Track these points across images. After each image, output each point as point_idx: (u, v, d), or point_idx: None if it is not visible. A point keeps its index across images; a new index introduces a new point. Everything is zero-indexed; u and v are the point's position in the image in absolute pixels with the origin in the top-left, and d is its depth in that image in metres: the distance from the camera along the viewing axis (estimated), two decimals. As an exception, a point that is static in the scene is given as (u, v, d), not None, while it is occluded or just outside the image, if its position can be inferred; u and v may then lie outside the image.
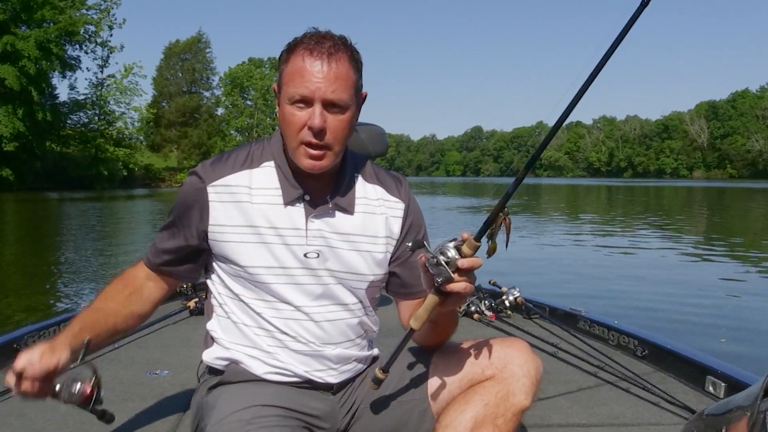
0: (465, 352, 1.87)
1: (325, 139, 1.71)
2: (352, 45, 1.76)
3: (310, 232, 1.81)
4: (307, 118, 1.69)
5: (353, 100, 1.74)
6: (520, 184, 1.70)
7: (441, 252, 1.57)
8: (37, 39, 48.56)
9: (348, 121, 1.74)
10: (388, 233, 1.91)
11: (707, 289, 9.46)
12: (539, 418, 2.80)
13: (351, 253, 1.85)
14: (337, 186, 1.86)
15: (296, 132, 1.71)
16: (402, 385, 1.91)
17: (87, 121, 63.75)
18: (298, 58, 1.70)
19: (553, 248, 14.14)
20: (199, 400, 1.93)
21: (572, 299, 5.54)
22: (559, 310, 4.43)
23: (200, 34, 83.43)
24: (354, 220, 1.87)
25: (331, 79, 1.68)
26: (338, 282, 1.86)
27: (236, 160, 1.85)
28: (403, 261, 1.94)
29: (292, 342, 1.84)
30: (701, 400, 3.02)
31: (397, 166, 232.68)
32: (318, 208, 1.82)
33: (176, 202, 1.89)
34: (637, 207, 34.11)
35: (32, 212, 28.10)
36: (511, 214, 1.65)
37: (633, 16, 1.64)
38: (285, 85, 1.72)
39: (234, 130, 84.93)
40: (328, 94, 1.68)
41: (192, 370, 3.29)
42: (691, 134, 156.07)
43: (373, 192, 1.92)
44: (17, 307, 8.10)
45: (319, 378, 1.88)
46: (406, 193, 1.97)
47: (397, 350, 1.75)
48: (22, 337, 3.59)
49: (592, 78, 1.65)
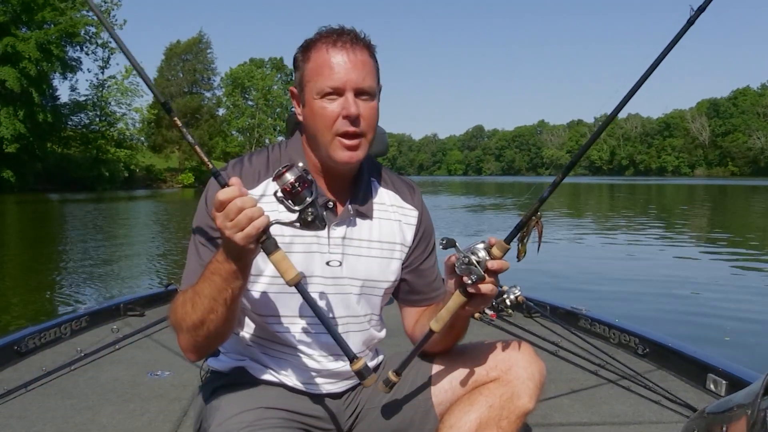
0: (469, 354, 1.87)
1: (361, 126, 1.71)
2: (367, 37, 1.77)
3: (332, 240, 1.80)
4: (339, 109, 1.69)
5: (378, 88, 1.76)
6: (556, 189, 1.68)
7: (472, 252, 1.58)
8: (38, 40, 48.50)
9: (376, 109, 1.76)
10: (402, 240, 1.91)
11: (709, 287, 9.45)
12: (541, 417, 2.80)
13: (368, 260, 1.85)
14: (356, 191, 1.85)
15: (330, 124, 1.70)
16: (406, 387, 1.90)
17: (88, 122, 63.64)
18: (321, 52, 1.71)
19: (554, 247, 14.13)
20: (202, 401, 1.92)
21: (573, 298, 5.53)
22: (560, 308, 4.44)
23: (201, 34, 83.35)
24: (371, 226, 1.86)
25: (360, 66, 1.70)
26: (357, 290, 1.85)
27: (257, 170, 1.81)
28: (414, 268, 1.94)
29: (301, 355, 1.83)
30: (702, 398, 3.02)
31: (398, 166, 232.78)
32: (339, 215, 1.81)
33: (203, 213, 1.80)
34: (638, 205, 34.10)
35: (33, 213, 28.11)
36: (522, 214, 1.65)
37: (688, 21, 1.68)
38: (311, 81, 1.72)
39: (235, 130, 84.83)
40: (360, 82, 1.70)
41: (193, 371, 3.31)
42: (693, 132, 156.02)
43: (387, 197, 1.92)
44: (18, 308, 8.11)
45: (327, 390, 1.88)
46: (420, 201, 1.98)
47: (412, 353, 1.76)
48: (23, 338, 3.60)
49: (649, 72, 1.67)
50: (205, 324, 1.63)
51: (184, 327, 1.67)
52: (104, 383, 3.29)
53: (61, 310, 8.07)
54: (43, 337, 3.76)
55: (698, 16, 1.67)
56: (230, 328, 1.72)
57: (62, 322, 3.95)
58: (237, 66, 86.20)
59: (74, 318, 4.08)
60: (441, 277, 1.94)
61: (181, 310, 1.67)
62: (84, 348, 3.68)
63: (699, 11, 1.68)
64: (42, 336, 3.75)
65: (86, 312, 4.28)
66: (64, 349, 3.77)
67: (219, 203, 1.48)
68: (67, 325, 3.96)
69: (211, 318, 1.61)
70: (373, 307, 1.91)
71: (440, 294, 1.95)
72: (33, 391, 3.14)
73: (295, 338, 1.81)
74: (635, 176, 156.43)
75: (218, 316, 1.61)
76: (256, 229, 1.47)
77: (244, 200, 1.47)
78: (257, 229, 1.48)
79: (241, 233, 1.47)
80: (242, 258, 1.54)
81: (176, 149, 75.13)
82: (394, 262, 1.89)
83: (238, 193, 1.48)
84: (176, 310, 1.68)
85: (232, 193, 1.47)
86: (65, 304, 8.43)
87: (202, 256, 1.75)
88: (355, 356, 1.64)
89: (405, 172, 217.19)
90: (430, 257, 1.97)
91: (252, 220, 1.47)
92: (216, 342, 1.74)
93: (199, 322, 1.63)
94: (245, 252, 1.52)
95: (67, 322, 3.98)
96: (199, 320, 1.62)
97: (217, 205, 1.48)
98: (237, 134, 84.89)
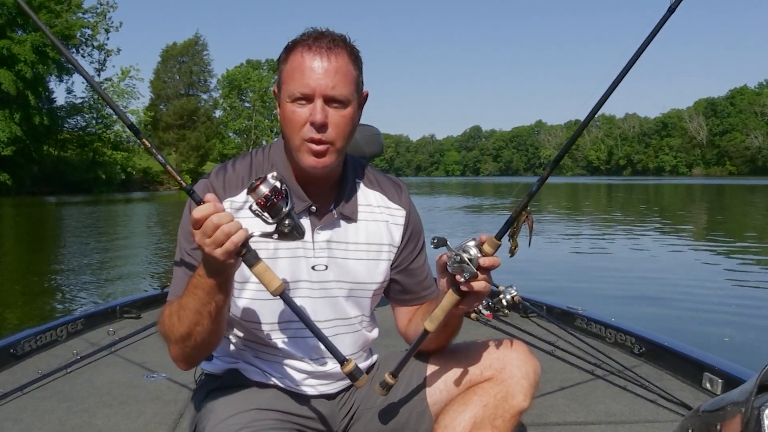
0: (463, 353, 1.87)
1: (327, 134, 1.68)
2: (350, 42, 1.74)
3: (317, 244, 1.80)
4: (308, 114, 1.67)
5: (354, 96, 1.72)
6: (543, 184, 1.69)
7: (464, 250, 1.58)
8: (34, 43, 48.42)
9: (350, 117, 1.72)
10: (390, 241, 1.90)
11: (707, 286, 9.45)
12: (537, 416, 2.80)
13: (356, 263, 1.84)
14: (340, 194, 1.84)
15: (298, 129, 1.69)
16: (401, 387, 1.90)
17: (84, 125, 63.61)
18: (297, 56, 1.68)
19: (550, 246, 14.15)
20: (197, 403, 1.92)
21: (570, 298, 5.53)
22: (556, 308, 4.44)
23: (197, 36, 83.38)
24: (357, 228, 1.85)
25: (331, 73, 1.66)
26: (345, 293, 1.84)
27: (239, 176, 1.80)
28: (404, 268, 1.93)
29: (295, 361, 1.83)
30: (698, 396, 3.03)
31: (396, 167, 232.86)
32: (323, 219, 1.81)
33: (187, 224, 1.76)
34: (635, 205, 34.13)
35: (30, 216, 28.11)
36: (523, 212, 1.65)
37: (660, 20, 1.66)
38: (285, 84, 1.70)
39: (232, 132, 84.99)
40: (329, 90, 1.66)
41: (188, 373, 3.30)
42: (690, 132, 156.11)
43: (374, 198, 1.91)
44: (14, 311, 8.10)
45: (320, 391, 1.88)
46: (407, 200, 1.97)
47: (408, 355, 1.77)
48: (19, 341, 3.60)
49: (622, 75, 1.66)
50: (192, 336, 1.64)
51: (172, 339, 1.69)
52: (100, 386, 3.28)
53: (57, 312, 8.07)
54: (39, 339, 3.75)
55: (678, 4, 1.65)
56: (218, 338, 1.73)
57: (58, 325, 3.95)
58: (233, 68, 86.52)
59: (70, 320, 4.08)
60: (432, 275, 1.94)
61: (168, 322, 1.69)
62: (80, 350, 3.68)
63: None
64: (38, 339, 3.75)
65: (82, 315, 4.28)
66: (60, 352, 3.77)
67: (195, 221, 1.48)
68: (63, 327, 3.96)
69: (198, 330, 1.63)
70: (362, 309, 1.90)
71: (432, 292, 1.95)
72: (29, 394, 3.13)
73: (285, 343, 1.82)
74: (633, 176, 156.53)
75: (204, 329, 1.62)
76: (234, 244, 1.48)
77: (221, 216, 1.48)
78: (235, 244, 1.48)
79: (219, 249, 1.48)
80: (223, 272, 1.55)
81: (173, 151, 75.07)
82: (382, 263, 1.89)
83: (213, 210, 1.48)
84: (164, 322, 1.70)
85: (207, 210, 1.48)
86: (61, 306, 8.42)
87: (186, 267, 1.76)
88: (345, 359, 1.65)
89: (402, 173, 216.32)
90: (420, 256, 1.96)
91: (229, 235, 1.47)
92: (205, 352, 1.76)
93: (186, 334, 1.64)
94: (225, 266, 1.53)
95: (63, 325, 3.98)
96: (186, 333, 1.64)
97: (194, 223, 1.49)
98: (234, 136, 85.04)
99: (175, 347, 1.71)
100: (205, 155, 75.46)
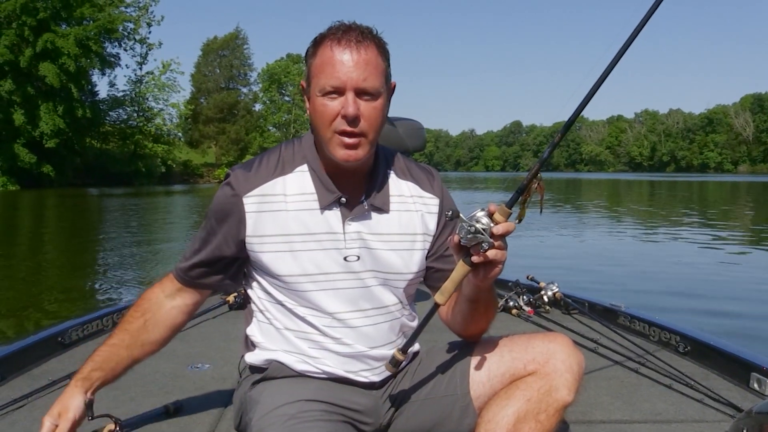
0: (506, 347, 1.86)
1: (360, 126, 1.69)
2: (378, 34, 1.75)
3: (348, 236, 1.81)
4: (339, 107, 1.68)
5: (384, 88, 1.73)
6: (554, 149, 1.69)
7: (476, 220, 1.57)
8: (77, 36, 49.25)
9: (380, 109, 1.73)
10: (425, 230, 1.91)
11: (754, 285, 9.28)
12: (581, 414, 2.77)
13: (389, 253, 1.85)
14: (371, 185, 1.85)
15: (329, 123, 1.70)
16: (444, 380, 1.90)
17: (126, 118, 64.68)
18: (326, 50, 1.70)
19: (592, 243, 13.96)
20: (243, 394, 1.94)
21: (612, 294, 5.47)
22: (598, 305, 4.38)
23: (238, 30, 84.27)
24: (390, 219, 1.86)
25: (362, 66, 1.68)
26: (379, 283, 1.85)
27: (268, 167, 1.84)
28: (441, 255, 1.93)
29: (335, 345, 1.84)
30: (746, 397, 2.97)
31: (436, 162, 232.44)
32: (354, 210, 1.82)
33: (210, 213, 1.88)
34: (681, 202, 33.61)
35: (73, 207, 28.59)
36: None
37: (648, 13, 1.65)
38: (315, 78, 1.72)
39: (272, 126, 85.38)
40: (360, 82, 1.67)
41: (232, 364, 3.33)
42: (736, 128, 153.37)
43: (406, 189, 1.92)
44: (61, 301, 8.25)
45: (363, 377, 1.88)
46: (439, 187, 1.97)
47: (417, 329, 1.78)
48: (66, 330, 3.65)
49: (606, 74, 1.72)
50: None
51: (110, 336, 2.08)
52: (146, 375, 3.31)
53: (103, 301, 8.21)
54: (86, 329, 3.80)
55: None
56: (157, 348, 2.16)
57: (104, 315, 4.00)
58: (274, 61, 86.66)
59: (116, 310, 4.12)
60: None
61: (117, 329, 2.07)
62: None
63: None
64: (85, 328, 3.80)
65: (127, 305, 4.30)
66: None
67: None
68: (109, 317, 4.01)
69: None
70: (399, 297, 1.91)
71: None
72: None
73: (329, 332, 1.83)
74: (676, 173, 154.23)
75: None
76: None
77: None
78: None
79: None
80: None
81: (213, 145, 75.91)
82: (417, 253, 1.90)
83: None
84: (120, 324, 2.08)
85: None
86: (106, 296, 8.57)
87: (200, 248, 1.91)
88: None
89: (442, 168, 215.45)
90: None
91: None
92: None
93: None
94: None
95: (108, 315, 4.03)
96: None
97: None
98: (274, 130, 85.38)
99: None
100: (244, 149, 76.02)
